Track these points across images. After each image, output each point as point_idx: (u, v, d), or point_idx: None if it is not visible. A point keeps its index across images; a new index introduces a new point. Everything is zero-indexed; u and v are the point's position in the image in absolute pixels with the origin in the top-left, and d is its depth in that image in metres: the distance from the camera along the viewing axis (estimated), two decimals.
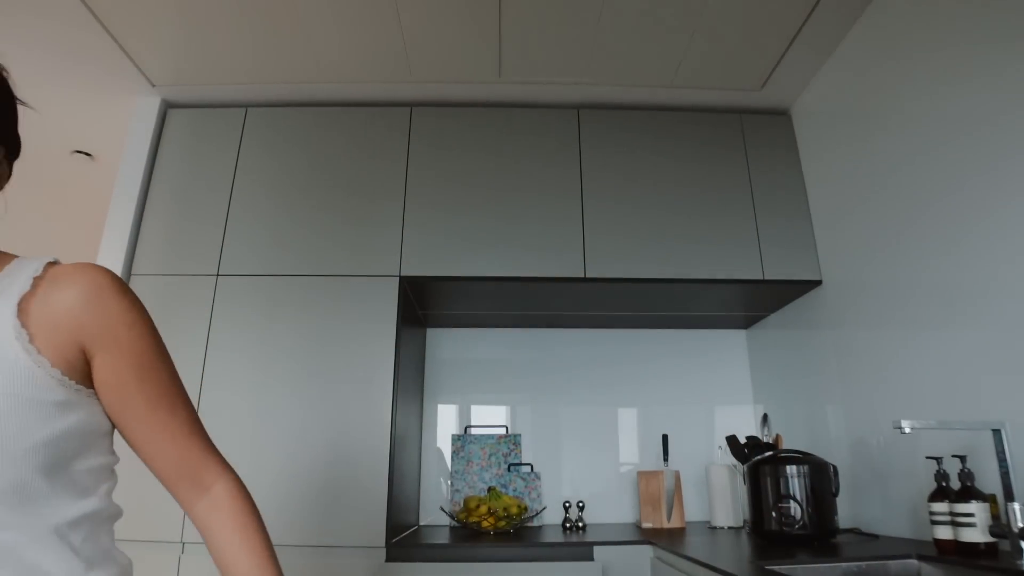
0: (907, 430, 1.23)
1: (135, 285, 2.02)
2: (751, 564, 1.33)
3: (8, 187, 0.85)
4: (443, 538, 1.91)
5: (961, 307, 1.47)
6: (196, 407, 1.89)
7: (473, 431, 2.47)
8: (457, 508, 2.23)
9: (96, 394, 0.72)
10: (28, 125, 0.92)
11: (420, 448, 2.43)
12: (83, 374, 0.69)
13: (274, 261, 2.05)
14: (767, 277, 2.09)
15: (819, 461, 1.68)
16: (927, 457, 1.46)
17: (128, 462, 1.97)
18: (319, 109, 2.25)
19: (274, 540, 1.91)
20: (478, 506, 2.05)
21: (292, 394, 1.90)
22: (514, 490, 2.34)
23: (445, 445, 2.46)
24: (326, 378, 1.91)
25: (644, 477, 2.24)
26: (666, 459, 2.31)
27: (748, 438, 2.04)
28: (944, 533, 1.34)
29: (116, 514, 0.82)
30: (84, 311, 0.68)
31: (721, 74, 2.14)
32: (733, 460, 2.12)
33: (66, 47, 1.99)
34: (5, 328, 0.64)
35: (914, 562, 1.37)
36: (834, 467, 1.68)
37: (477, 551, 1.75)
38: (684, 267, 2.09)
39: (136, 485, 1.85)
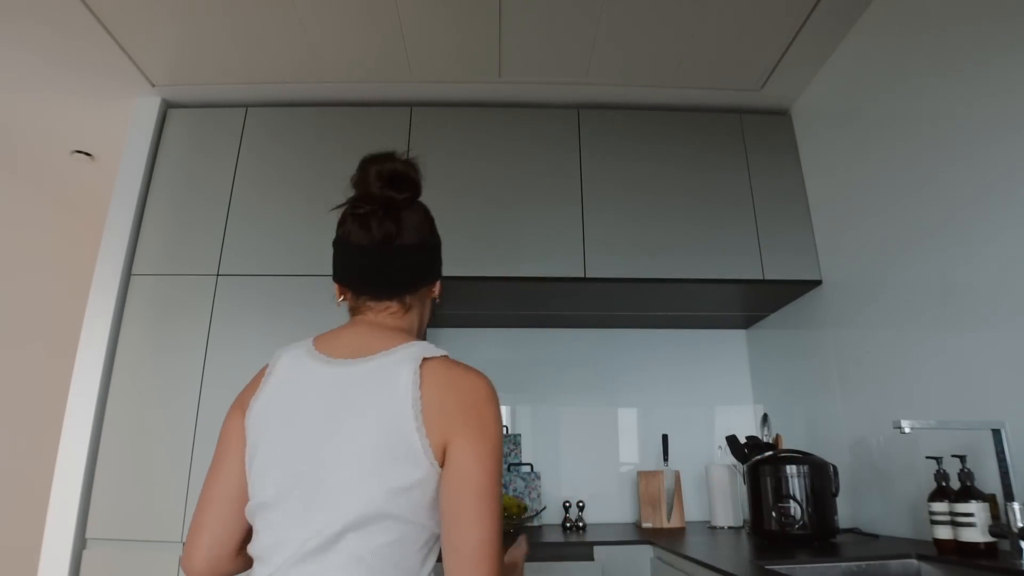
0: (907, 430, 1.23)
1: (135, 285, 2.03)
2: (751, 564, 1.33)
3: (8, 187, 0.85)
4: None
5: (961, 307, 1.47)
6: (196, 407, 1.90)
7: None
8: None
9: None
10: (28, 125, 0.93)
11: None
12: None
13: (274, 261, 2.04)
14: (767, 277, 2.09)
15: (819, 461, 1.68)
16: (927, 457, 1.46)
17: (128, 462, 1.97)
18: (319, 109, 2.25)
19: None
20: None
21: None
22: (514, 490, 2.34)
23: None
24: None
25: (644, 477, 2.24)
26: (666, 459, 2.31)
27: (748, 438, 2.04)
28: (944, 533, 1.34)
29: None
30: None
31: (721, 74, 2.14)
32: (733, 460, 2.12)
33: (66, 47, 1.99)
34: None
35: (914, 562, 1.37)
36: (834, 467, 1.68)
37: None
38: (684, 267, 2.09)
39: (136, 485, 1.85)
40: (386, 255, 0.85)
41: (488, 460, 0.74)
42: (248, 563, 0.82)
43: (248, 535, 0.81)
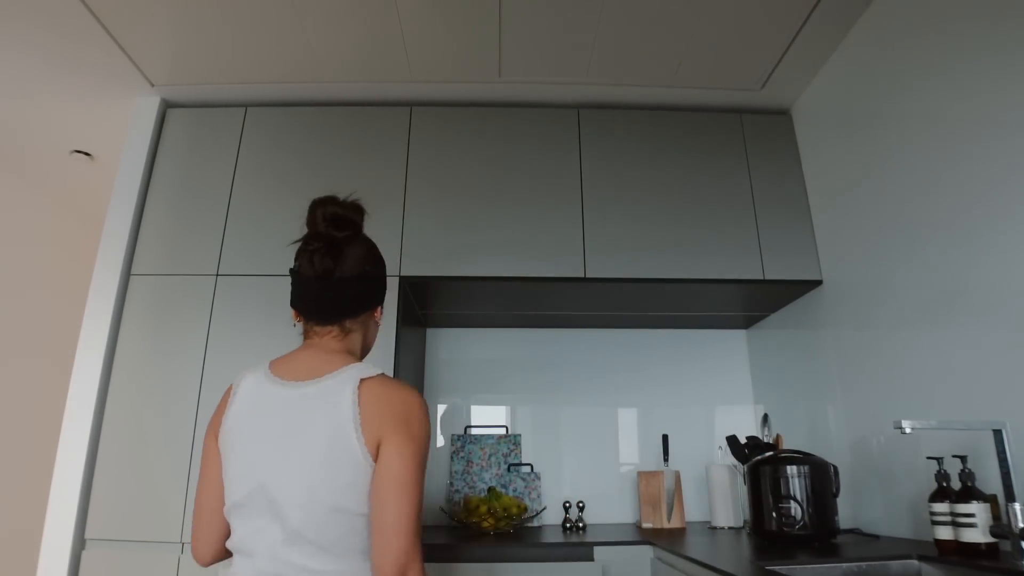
0: (908, 430, 1.23)
1: (135, 285, 2.03)
2: (751, 564, 1.33)
3: (7, 187, 0.86)
4: (443, 538, 1.91)
5: (961, 307, 1.47)
6: (196, 407, 1.90)
7: (473, 431, 2.47)
8: (457, 508, 2.23)
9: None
10: (27, 125, 0.93)
11: None
12: None
13: (273, 261, 2.04)
14: (767, 277, 2.09)
15: (819, 461, 1.68)
16: (928, 457, 1.46)
17: (128, 463, 1.97)
18: (319, 109, 2.24)
19: None
20: (478, 506, 2.05)
21: None
22: (514, 490, 2.34)
23: (445, 445, 2.46)
24: None
25: (644, 477, 2.23)
26: (666, 459, 2.31)
27: (748, 438, 2.04)
28: (945, 533, 1.34)
29: None
30: None
31: (721, 74, 2.14)
32: (733, 460, 2.12)
33: (66, 47, 1.99)
34: None
35: (915, 562, 1.37)
36: (834, 467, 1.68)
37: (477, 551, 1.74)
38: (684, 267, 2.09)
39: (136, 485, 1.85)
40: (326, 286, 0.99)
41: (409, 455, 0.89)
42: None
43: None
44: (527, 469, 2.40)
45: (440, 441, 2.47)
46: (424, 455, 0.92)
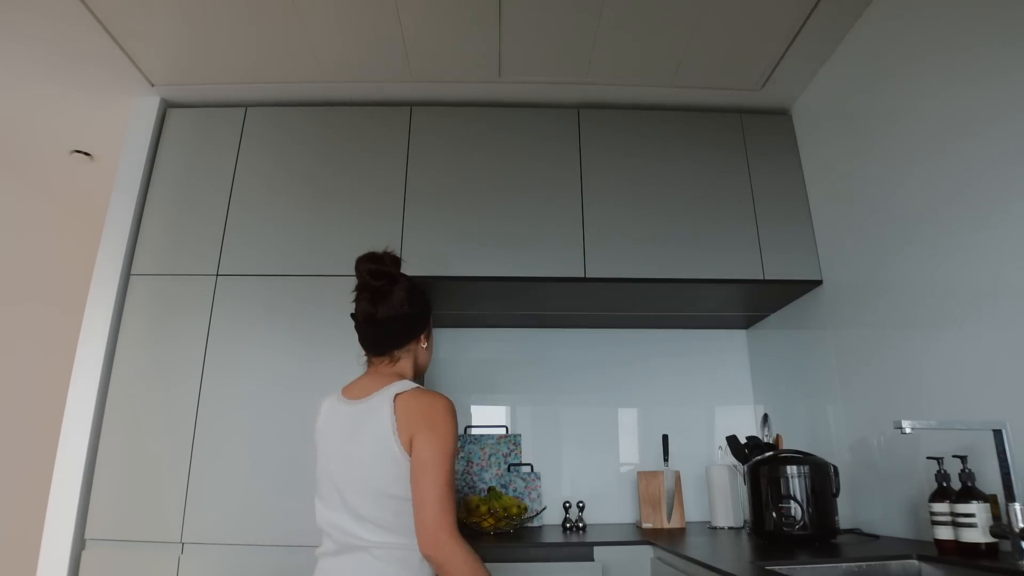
0: (908, 430, 1.23)
1: (135, 285, 2.03)
2: (751, 564, 1.33)
3: (7, 187, 0.86)
4: None
5: (962, 307, 1.47)
6: (196, 407, 1.90)
7: (473, 431, 2.47)
8: (457, 508, 2.23)
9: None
10: (27, 125, 0.93)
11: None
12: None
13: (274, 261, 2.04)
14: (767, 277, 2.09)
15: (819, 461, 1.68)
16: (928, 457, 1.46)
17: (128, 463, 1.97)
18: (319, 109, 2.24)
19: (274, 540, 1.91)
20: (478, 506, 2.05)
21: (292, 394, 1.90)
22: (514, 490, 2.34)
23: None
24: (326, 378, 1.90)
25: (644, 477, 2.23)
26: (666, 459, 2.31)
27: (748, 438, 2.04)
28: (945, 533, 1.34)
29: None
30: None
31: (721, 74, 2.14)
32: (733, 460, 2.12)
33: (65, 47, 1.99)
34: None
35: (915, 562, 1.37)
36: (834, 467, 1.68)
37: (477, 551, 1.74)
38: (684, 267, 2.09)
39: (136, 485, 1.85)
40: (372, 326, 1.23)
41: (434, 444, 1.09)
42: None
43: None
44: (527, 469, 2.40)
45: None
46: (449, 444, 1.11)
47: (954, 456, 1.37)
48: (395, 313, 1.22)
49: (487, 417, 2.51)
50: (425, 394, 1.16)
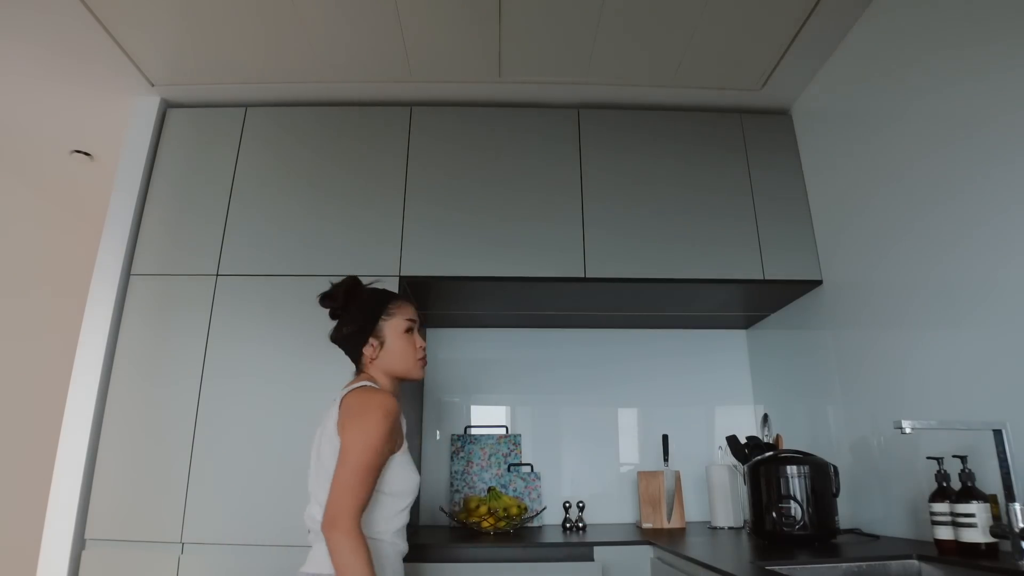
0: (908, 430, 1.23)
1: (134, 285, 2.03)
2: (751, 564, 1.33)
3: (7, 187, 0.86)
4: (443, 538, 1.91)
5: (962, 307, 1.47)
6: (195, 407, 1.90)
7: (473, 431, 2.47)
8: (457, 508, 2.23)
9: None
10: (27, 125, 0.92)
11: (420, 448, 2.43)
12: None
13: (274, 261, 2.04)
14: (767, 277, 2.09)
15: (819, 461, 1.68)
16: (928, 457, 1.46)
17: (128, 463, 1.96)
18: (319, 109, 2.24)
19: (274, 540, 1.91)
20: (478, 506, 2.05)
21: (292, 394, 1.90)
22: (514, 490, 2.34)
23: (445, 445, 2.46)
24: (326, 378, 1.90)
25: (644, 477, 2.23)
26: (666, 459, 2.31)
27: (748, 438, 2.04)
28: (945, 533, 1.34)
29: None
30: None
31: (721, 74, 2.14)
32: (733, 460, 2.12)
33: (65, 47, 1.99)
34: None
35: (915, 562, 1.37)
36: (834, 467, 1.68)
37: (477, 551, 1.74)
38: (684, 267, 2.09)
39: (136, 485, 1.85)
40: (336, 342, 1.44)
41: (356, 434, 1.20)
42: None
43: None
44: (527, 469, 2.40)
45: (438, 438, 2.47)
46: (372, 437, 1.19)
47: (954, 456, 1.37)
48: (339, 335, 1.42)
49: (487, 417, 2.51)
50: (365, 391, 1.29)
